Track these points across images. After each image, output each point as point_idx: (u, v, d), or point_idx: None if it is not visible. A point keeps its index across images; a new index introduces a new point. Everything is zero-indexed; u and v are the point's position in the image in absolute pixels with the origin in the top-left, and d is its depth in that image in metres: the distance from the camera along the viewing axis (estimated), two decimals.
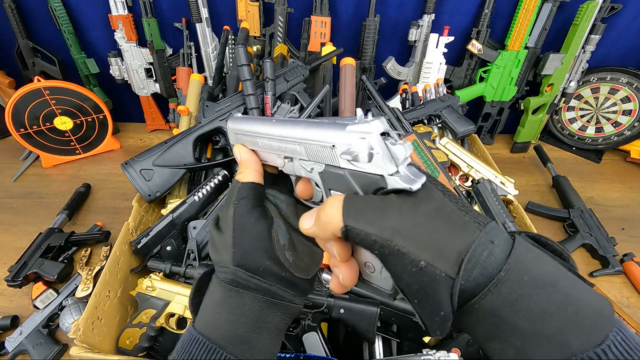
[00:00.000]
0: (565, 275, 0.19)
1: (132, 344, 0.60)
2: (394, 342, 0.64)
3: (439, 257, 0.19)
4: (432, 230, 0.20)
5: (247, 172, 0.31)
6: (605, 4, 0.97)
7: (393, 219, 0.21)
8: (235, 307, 0.28)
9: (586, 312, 0.18)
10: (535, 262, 0.19)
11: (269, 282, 0.29)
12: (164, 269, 0.63)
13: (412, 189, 0.21)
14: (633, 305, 0.79)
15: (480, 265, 0.19)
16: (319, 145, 0.26)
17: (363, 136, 0.22)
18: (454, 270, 0.19)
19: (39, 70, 1.09)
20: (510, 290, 0.18)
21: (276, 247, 0.29)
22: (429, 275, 0.19)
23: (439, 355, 0.53)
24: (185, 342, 0.29)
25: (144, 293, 0.61)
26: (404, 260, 0.20)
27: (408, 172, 0.22)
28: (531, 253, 0.19)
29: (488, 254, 0.19)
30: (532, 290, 0.18)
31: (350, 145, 0.23)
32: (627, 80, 1.07)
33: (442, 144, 0.87)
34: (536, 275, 0.18)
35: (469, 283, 0.19)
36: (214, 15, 1.07)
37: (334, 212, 0.23)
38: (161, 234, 0.69)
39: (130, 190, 0.85)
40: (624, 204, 1.04)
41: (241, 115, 0.36)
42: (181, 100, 1.10)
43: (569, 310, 0.18)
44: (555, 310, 0.18)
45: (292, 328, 0.60)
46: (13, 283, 0.75)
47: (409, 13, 1.05)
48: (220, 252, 0.30)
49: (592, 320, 0.18)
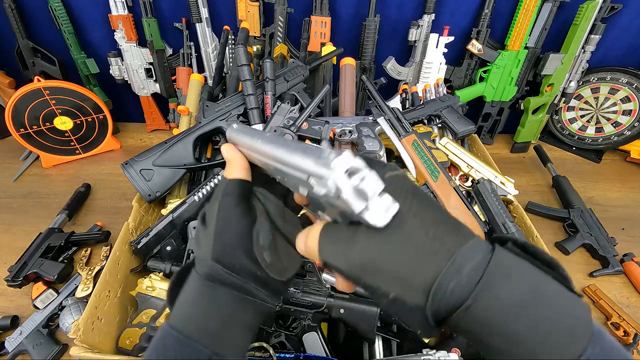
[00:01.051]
0: (542, 293, 0.19)
1: (132, 344, 0.60)
2: (394, 342, 0.64)
3: (407, 289, 0.20)
4: (399, 262, 0.20)
5: (233, 169, 0.31)
6: (605, 4, 0.97)
7: (361, 254, 0.21)
8: (210, 301, 0.29)
9: (561, 331, 0.18)
10: (508, 283, 0.19)
11: (244, 279, 0.29)
12: (164, 269, 0.63)
13: (378, 226, 0.21)
14: (633, 305, 0.79)
15: (449, 294, 0.19)
16: (297, 173, 0.25)
17: (327, 176, 0.21)
18: (423, 301, 0.20)
19: (39, 70, 1.09)
20: (480, 314, 0.19)
21: (254, 246, 0.29)
22: (401, 305, 0.21)
23: (439, 355, 0.53)
24: (158, 338, 0.29)
25: (144, 293, 0.61)
26: (376, 292, 0.21)
27: (380, 204, 0.21)
28: (507, 272, 0.19)
29: (455, 284, 0.19)
30: (501, 314, 0.18)
31: (321, 178, 0.22)
32: (627, 80, 1.07)
33: (442, 144, 0.87)
34: (507, 299, 0.19)
35: (441, 308, 0.19)
36: (214, 15, 1.07)
37: (313, 245, 0.24)
38: (161, 234, 0.69)
39: (130, 190, 0.85)
40: (624, 204, 1.04)
41: (237, 127, 0.35)
42: (181, 100, 1.10)
43: (541, 331, 0.18)
44: (527, 333, 0.18)
45: (292, 328, 0.60)
46: (13, 283, 0.75)
47: (409, 13, 1.05)
48: (201, 246, 0.30)
49: (567, 338, 0.18)
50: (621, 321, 0.74)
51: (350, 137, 0.85)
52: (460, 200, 0.75)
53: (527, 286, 0.19)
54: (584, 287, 0.82)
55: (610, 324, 0.75)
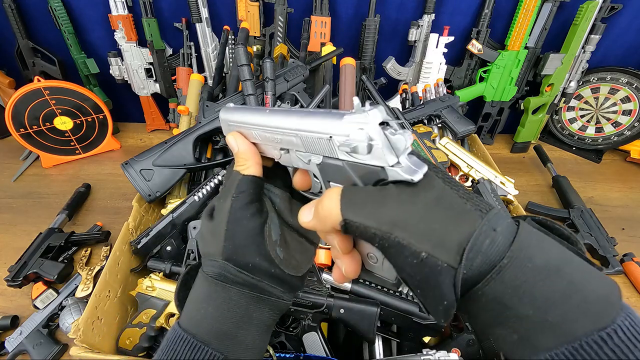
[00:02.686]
0: (571, 261, 0.19)
1: (132, 344, 0.60)
2: (394, 342, 0.64)
3: (440, 247, 0.19)
4: (432, 220, 0.20)
5: (249, 164, 0.30)
6: (605, 4, 0.97)
7: (392, 211, 0.20)
8: (222, 302, 0.28)
9: (591, 299, 0.18)
10: (539, 248, 0.19)
11: (258, 278, 0.28)
12: (164, 269, 0.63)
13: (414, 180, 0.21)
14: (633, 305, 0.79)
15: (483, 254, 0.18)
16: (316, 137, 0.25)
17: (361, 127, 0.21)
18: (456, 260, 0.19)
19: (39, 70, 1.09)
20: (514, 277, 0.18)
21: (267, 243, 0.28)
22: (431, 266, 0.19)
23: (439, 355, 0.53)
24: (169, 339, 0.28)
25: (144, 293, 0.61)
26: (404, 252, 0.20)
27: (409, 162, 0.21)
28: (536, 239, 0.19)
29: (490, 242, 0.18)
30: (535, 277, 0.18)
31: (348, 136, 0.22)
32: (627, 80, 1.07)
33: (442, 144, 0.87)
34: (540, 262, 0.18)
35: (472, 272, 0.19)
36: (214, 15, 1.07)
37: (332, 205, 0.22)
38: (161, 234, 0.69)
39: (130, 190, 0.85)
40: (624, 204, 1.04)
41: (234, 105, 0.34)
42: (181, 100, 1.10)
43: (574, 298, 0.18)
44: (559, 298, 0.18)
45: (292, 328, 0.60)
46: (13, 283, 0.75)
47: (409, 13, 1.05)
48: (210, 244, 0.29)
49: (597, 306, 0.18)
50: None
51: None
52: None
53: (557, 253, 0.19)
54: None
55: None
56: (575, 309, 0.18)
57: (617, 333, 0.17)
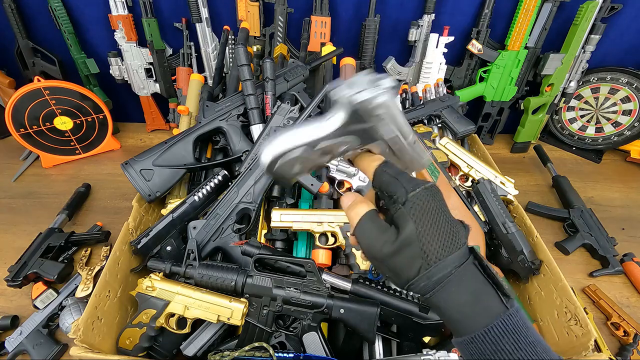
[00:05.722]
0: (478, 297, 0.28)
1: (132, 344, 0.60)
2: (394, 342, 0.64)
3: (397, 278, 0.30)
4: (396, 262, 0.30)
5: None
6: (605, 4, 0.97)
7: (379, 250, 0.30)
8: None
9: (473, 322, 0.28)
10: (455, 289, 0.28)
11: None
12: (164, 269, 0.63)
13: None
14: (633, 305, 0.79)
15: (418, 289, 0.29)
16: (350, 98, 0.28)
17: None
18: (404, 286, 0.30)
19: (39, 70, 1.09)
20: (435, 303, 0.29)
21: None
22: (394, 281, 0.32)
23: (439, 355, 0.53)
24: None
25: (144, 293, 0.61)
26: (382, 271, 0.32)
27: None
28: (457, 281, 0.28)
29: (424, 285, 0.29)
30: (445, 306, 0.29)
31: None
32: (627, 80, 1.07)
33: (442, 144, 0.87)
34: (450, 300, 0.29)
35: (415, 293, 0.30)
36: (214, 15, 1.07)
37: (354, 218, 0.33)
38: (161, 234, 0.69)
39: (130, 190, 0.85)
40: (624, 204, 1.04)
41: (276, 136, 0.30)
42: (181, 100, 1.10)
43: (476, 307, 0.28)
44: (457, 318, 0.29)
45: (292, 328, 0.60)
46: (13, 283, 0.75)
47: (409, 13, 1.05)
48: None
49: (492, 307, 0.28)
50: (621, 321, 0.74)
51: None
52: (460, 200, 0.75)
53: (468, 291, 0.28)
54: (584, 287, 0.82)
55: (610, 324, 0.75)
56: (463, 322, 0.28)
57: (498, 325, 0.27)
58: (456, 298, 0.28)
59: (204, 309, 0.58)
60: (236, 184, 0.73)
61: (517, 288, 0.74)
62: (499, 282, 0.28)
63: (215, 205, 0.71)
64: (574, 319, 0.59)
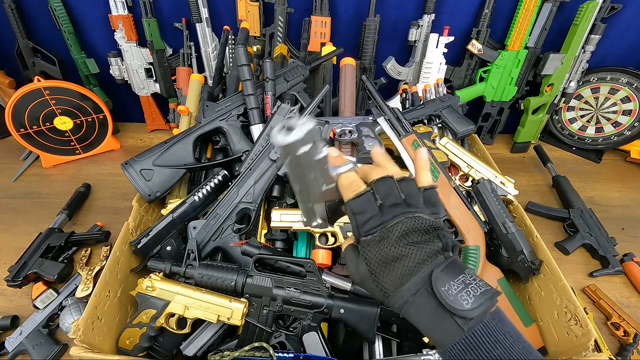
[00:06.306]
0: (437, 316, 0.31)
1: (132, 344, 0.60)
2: (394, 342, 0.64)
3: (374, 297, 0.35)
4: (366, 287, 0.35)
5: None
6: (605, 4, 0.97)
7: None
8: None
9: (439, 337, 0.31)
10: (418, 310, 0.31)
11: None
12: (164, 269, 0.63)
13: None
14: (633, 305, 0.79)
15: (393, 308, 0.33)
16: None
17: None
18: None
19: (39, 70, 1.09)
20: (410, 318, 0.32)
21: None
22: None
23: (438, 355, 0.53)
24: None
25: (144, 293, 0.61)
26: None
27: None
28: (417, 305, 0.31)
29: (393, 307, 0.33)
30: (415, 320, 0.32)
31: None
32: (627, 80, 1.07)
33: (442, 144, 0.87)
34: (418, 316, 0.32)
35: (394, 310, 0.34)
36: (214, 15, 1.07)
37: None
38: (161, 234, 0.69)
39: (130, 190, 0.85)
40: (624, 204, 1.04)
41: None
42: (181, 100, 1.10)
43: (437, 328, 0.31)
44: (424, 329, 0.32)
45: (292, 328, 0.60)
46: (13, 283, 0.75)
47: (409, 13, 1.05)
48: None
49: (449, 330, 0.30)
50: (621, 321, 0.74)
51: (350, 137, 0.85)
52: (460, 200, 0.75)
53: (427, 315, 0.31)
54: (584, 287, 0.82)
55: (610, 324, 0.75)
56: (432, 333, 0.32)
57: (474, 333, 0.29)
58: (419, 320, 0.32)
59: (204, 309, 0.58)
60: (236, 184, 0.73)
61: (517, 288, 0.74)
62: (452, 306, 0.29)
63: (215, 205, 0.71)
64: (574, 319, 0.59)
